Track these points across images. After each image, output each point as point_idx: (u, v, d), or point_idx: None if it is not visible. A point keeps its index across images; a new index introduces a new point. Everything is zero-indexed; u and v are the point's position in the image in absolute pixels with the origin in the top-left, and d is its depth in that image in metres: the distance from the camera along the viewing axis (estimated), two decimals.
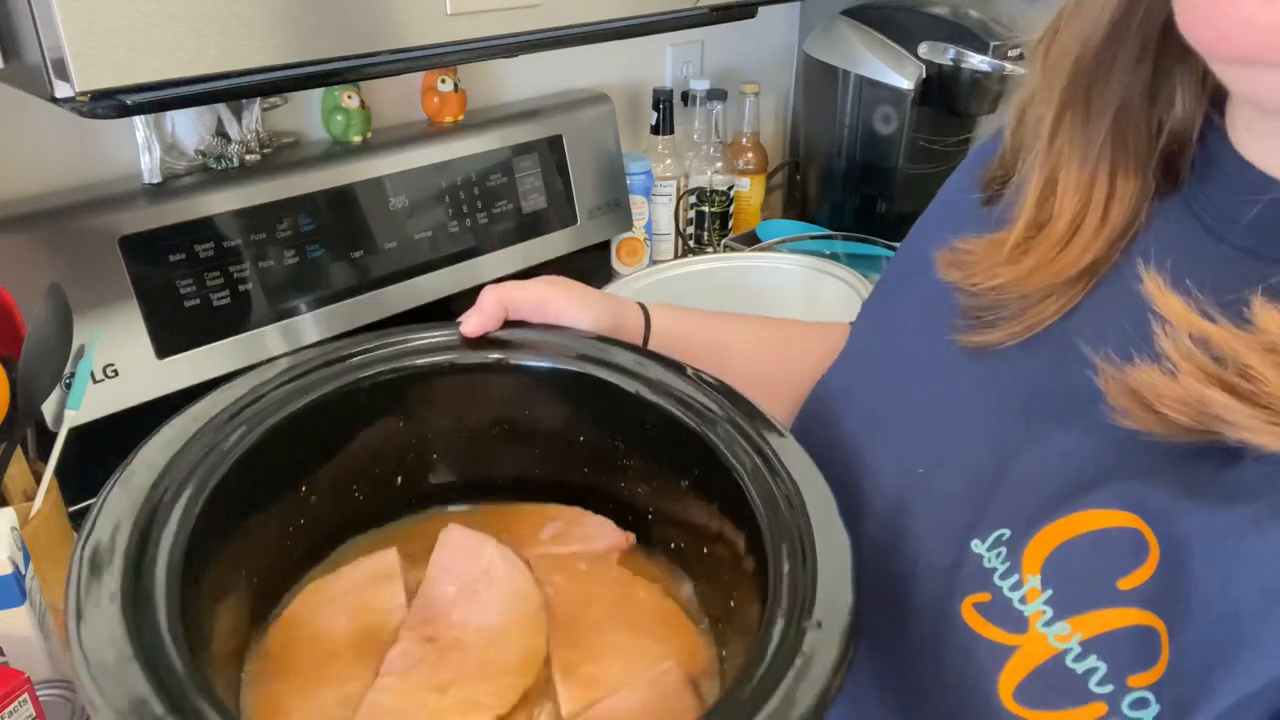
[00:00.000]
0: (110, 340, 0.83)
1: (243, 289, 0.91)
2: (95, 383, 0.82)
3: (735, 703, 0.32)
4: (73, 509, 0.77)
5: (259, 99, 0.95)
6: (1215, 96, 0.42)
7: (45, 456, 0.75)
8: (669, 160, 1.33)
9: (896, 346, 0.52)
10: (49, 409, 0.78)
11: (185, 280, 0.87)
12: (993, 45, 1.21)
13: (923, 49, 1.26)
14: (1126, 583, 0.35)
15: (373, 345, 0.48)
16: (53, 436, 0.75)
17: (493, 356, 0.49)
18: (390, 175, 1.01)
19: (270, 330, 0.94)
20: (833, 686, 0.32)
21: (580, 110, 1.20)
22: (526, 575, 0.45)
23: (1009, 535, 0.39)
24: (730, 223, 1.40)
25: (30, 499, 0.72)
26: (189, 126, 0.92)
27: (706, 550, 0.46)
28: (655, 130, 1.31)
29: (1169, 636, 0.33)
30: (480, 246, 1.10)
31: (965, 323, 0.47)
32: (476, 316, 0.50)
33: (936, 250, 0.50)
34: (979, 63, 1.21)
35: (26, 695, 0.52)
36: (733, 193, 1.39)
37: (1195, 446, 0.35)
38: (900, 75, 1.28)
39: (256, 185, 0.92)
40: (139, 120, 0.87)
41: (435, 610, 0.44)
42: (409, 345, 0.49)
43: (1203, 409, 0.33)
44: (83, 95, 0.55)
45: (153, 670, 0.31)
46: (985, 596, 0.38)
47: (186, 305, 0.88)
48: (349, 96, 1.01)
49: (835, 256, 1.24)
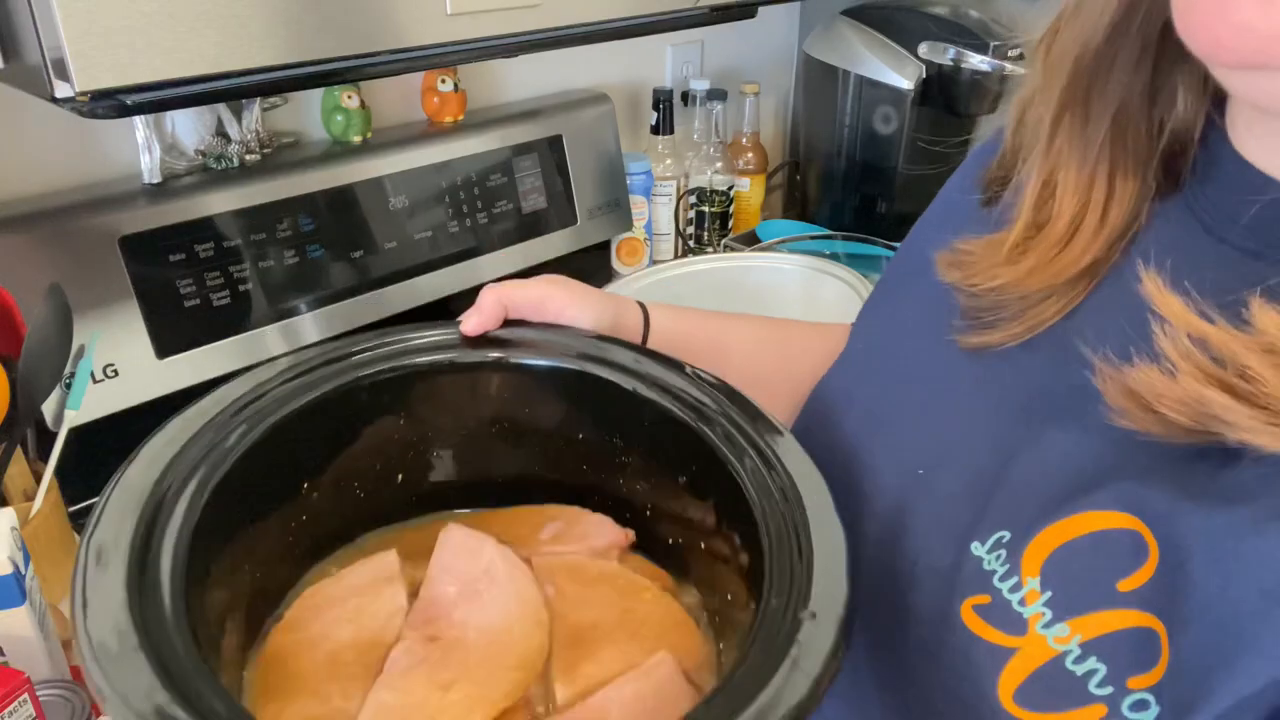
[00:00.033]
0: (110, 340, 0.83)
1: (243, 289, 0.91)
2: (95, 383, 0.82)
3: (731, 691, 0.32)
4: (73, 509, 0.77)
5: (259, 99, 0.95)
6: (1216, 96, 0.42)
7: (45, 456, 0.75)
8: (669, 160, 1.33)
9: (896, 347, 0.52)
10: (49, 409, 0.78)
11: (185, 280, 0.87)
12: (993, 45, 1.21)
13: (923, 49, 1.26)
14: (1126, 584, 0.35)
15: (373, 344, 0.49)
16: (53, 436, 0.75)
17: (492, 355, 0.50)
18: (390, 175, 1.01)
19: (270, 330, 0.94)
20: (826, 676, 0.32)
21: (580, 110, 1.20)
22: (527, 574, 0.46)
23: (1009, 538, 0.39)
24: (730, 223, 1.40)
25: (30, 499, 0.72)
26: (189, 126, 0.92)
27: (704, 546, 0.47)
28: (655, 130, 1.31)
29: (1169, 638, 0.33)
30: (480, 246, 1.10)
31: (965, 324, 0.47)
32: (476, 316, 0.50)
33: (936, 251, 0.50)
34: (979, 63, 1.21)
35: (26, 695, 0.52)
36: (733, 193, 1.38)
37: (1194, 447, 0.35)
38: (900, 75, 1.27)
39: (256, 185, 0.92)
40: (139, 120, 0.87)
41: (437, 610, 0.44)
42: (409, 344, 0.49)
43: (1202, 409, 0.33)
44: (83, 95, 0.55)
45: (158, 659, 0.32)
46: (985, 598, 0.38)
47: (186, 305, 0.88)
48: (349, 96, 1.01)
49: (835, 256, 1.24)
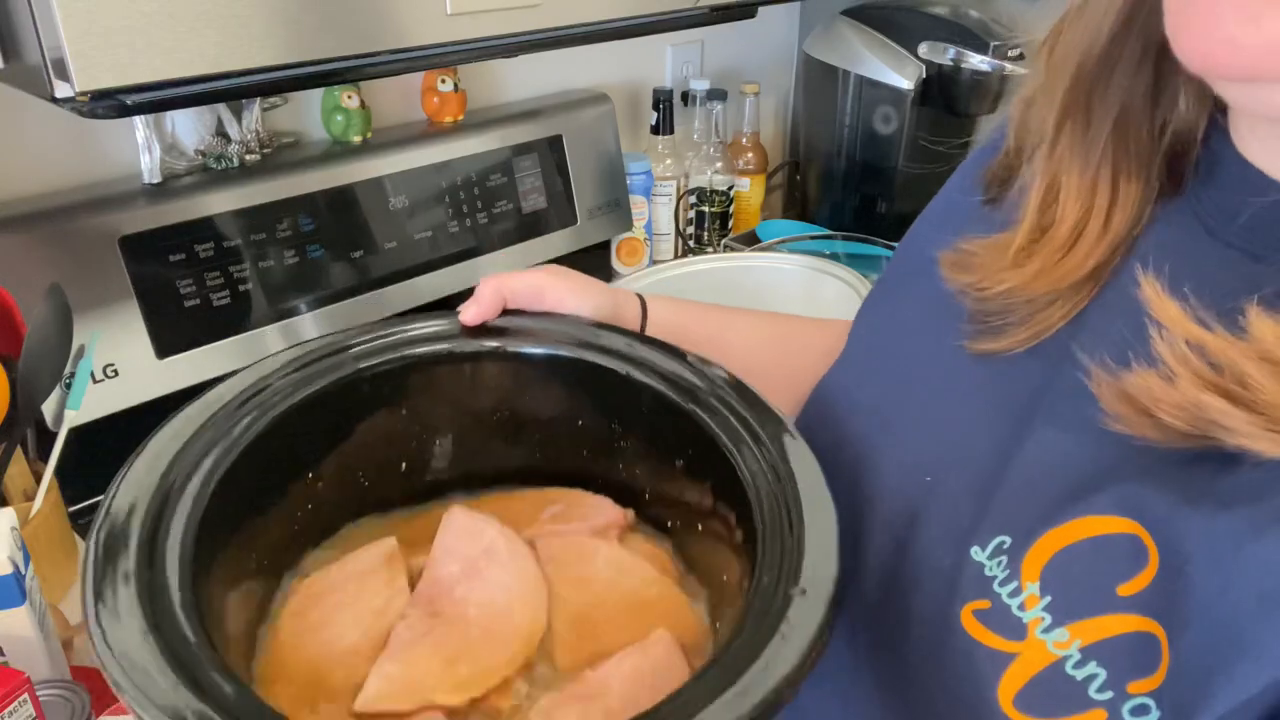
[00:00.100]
0: (110, 340, 0.83)
1: (243, 289, 0.91)
2: (95, 383, 0.82)
3: (723, 665, 0.33)
4: (73, 509, 0.78)
5: (259, 99, 0.95)
6: (1218, 98, 0.42)
7: (45, 456, 0.75)
8: (669, 160, 1.33)
9: (898, 348, 0.52)
10: (49, 409, 0.78)
11: (185, 280, 0.87)
12: (993, 45, 1.21)
13: (923, 49, 1.26)
14: (1126, 589, 0.35)
15: (373, 335, 0.50)
16: (53, 436, 0.75)
17: (490, 344, 0.50)
18: (390, 175, 1.01)
19: (270, 330, 0.94)
20: (815, 650, 0.33)
21: (580, 110, 1.20)
22: (527, 554, 0.47)
23: (1009, 543, 0.39)
24: (730, 223, 1.40)
25: (30, 499, 0.72)
26: (189, 126, 0.92)
27: (701, 527, 0.48)
28: (655, 130, 1.31)
29: (1169, 642, 0.33)
30: (480, 246, 1.10)
31: (973, 328, 0.46)
32: (475, 306, 0.51)
33: (939, 251, 0.50)
34: (979, 63, 1.21)
35: (26, 695, 0.52)
36: (733, 193, 1.38)
37: (1193, 452, 0.35)
38: (900, 75, 1.27)
39: (256, 185, 0.92)
40: (139, 120, 0.87)
41: (439, 588, 0.45)
42: (409, 335, 0.50)
43: (1199, 414, 0.33)
44: (83, 95, 0.55)
45: (168, 645, 0.33)
46: (985, 603, 0.38)
47: (186, 305, 0.88)
48: (349, 96, 1.01)
49: (835, 256, 1.24)
